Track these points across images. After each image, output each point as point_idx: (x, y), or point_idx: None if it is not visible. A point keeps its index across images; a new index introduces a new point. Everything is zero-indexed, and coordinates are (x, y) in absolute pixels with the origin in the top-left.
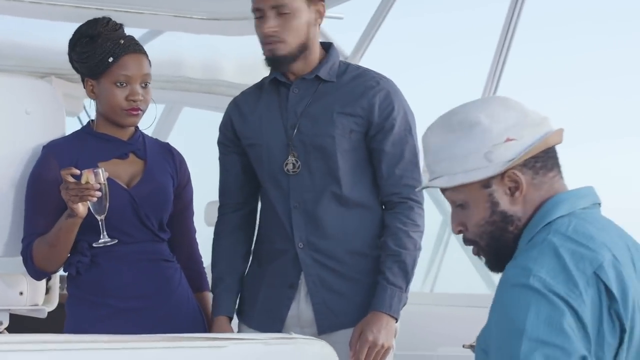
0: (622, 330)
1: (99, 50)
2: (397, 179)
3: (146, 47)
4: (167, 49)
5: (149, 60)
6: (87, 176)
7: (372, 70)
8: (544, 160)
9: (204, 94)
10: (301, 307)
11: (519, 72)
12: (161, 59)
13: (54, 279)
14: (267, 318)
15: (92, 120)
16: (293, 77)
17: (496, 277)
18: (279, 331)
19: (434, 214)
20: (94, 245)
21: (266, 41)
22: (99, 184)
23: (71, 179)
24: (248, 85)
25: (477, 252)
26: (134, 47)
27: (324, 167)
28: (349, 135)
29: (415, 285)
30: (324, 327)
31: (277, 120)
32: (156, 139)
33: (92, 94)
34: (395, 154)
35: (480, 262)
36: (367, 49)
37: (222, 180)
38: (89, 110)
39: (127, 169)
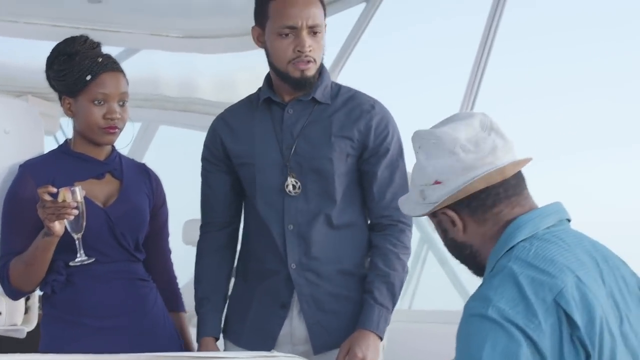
0: (587, 356)
1: (77, 68)
2: (388, 202)
3: (122, 66)
4: (144, 67)
5: (127, 79)
6: (64, 194)
7: (364, 93)
8: (482, 199)
9: (180, 112)
10: (294, 324)
11: (499, 84)
12: (137, 77)
13: (32, 298)
14: (258, 337)
15: (69, 139)
16: (288, 98)
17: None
18: (271, 349)
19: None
20: (71, 264)
21: (299, 61)
22: (76, 202)
23: (48, 197)
24: (225, 103)
25: None
26: (112, 66)
27: (320, 189)
28: (346, 159)
29: None
30: (318, 347)
31: (272, 140)
32: (132, 159)
33: (69, 112)
34: (387, 178)
35: (458, 279)
36: (344, 66)
37: (206, 198)
38: (66, 129)
39: (104, 189)
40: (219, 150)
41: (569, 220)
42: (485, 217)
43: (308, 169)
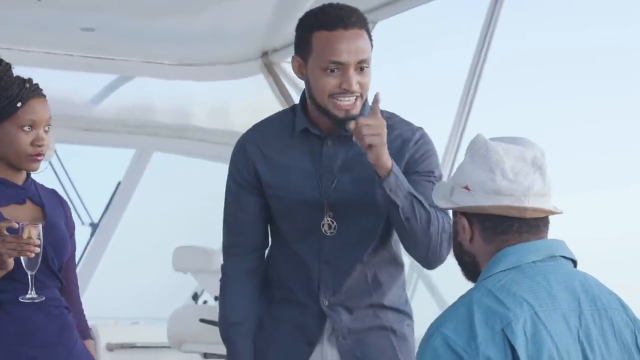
0: None
1: (5, 94)
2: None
3: (117, 93)
4: (138, 94)
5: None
6: (30, 231)
7: (403, 121)
8: (497, 224)
9: (174, 139)
10: (325, 352)
11: (487, 119)
12: (132, 104)
13: None
14: None
15: None
16: (326, 129)
17: None
18: None
19: None
20: (21, 299)
21: (344, 99)
22: (39, 239)
23: (6, 232)
24: (219, 130)
25: None
26: (38, 91)
27: (360, 226)
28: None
29: None
30: None
31: (310, 175)
32: (42, 185)
33: None
34: (422, 186)
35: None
36: None
37: (235, 219)
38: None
39: (27, 215)
40: (251, 175)
41: (570, 259)
42: (492, 239)
43: (349, 206)
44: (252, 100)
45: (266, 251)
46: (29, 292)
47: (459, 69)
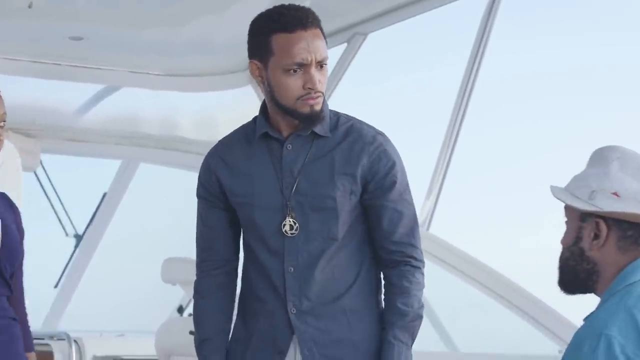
0: None
1: None
2: (399, 236)
3: (103, 103)
4: (124, 104)
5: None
6: None
7: (364, 123)
8: (639, 233)
9: (160, 150)
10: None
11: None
12: (118, 115)
13: None
14: None
15: None
16: (286, 132)
17: (454, 335)
18: None
19: None
20: None
21: (309, 97)
22: None
23: None
24: (205, 141)
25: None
26: None
27: (322, 229)
28: (349, 196)
29: None
30: None
31: (272, 179)
32: None
33: None
34: (396, 211)
35: (438, 320)
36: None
37: (203, 235)
38: (46, 165)
39: None
40: (215, 187)
41: None
42: (629, 248)
43: (310, 208)
44: (240, 111)
45: (239, 267)
46: None
47: (448, 87)
